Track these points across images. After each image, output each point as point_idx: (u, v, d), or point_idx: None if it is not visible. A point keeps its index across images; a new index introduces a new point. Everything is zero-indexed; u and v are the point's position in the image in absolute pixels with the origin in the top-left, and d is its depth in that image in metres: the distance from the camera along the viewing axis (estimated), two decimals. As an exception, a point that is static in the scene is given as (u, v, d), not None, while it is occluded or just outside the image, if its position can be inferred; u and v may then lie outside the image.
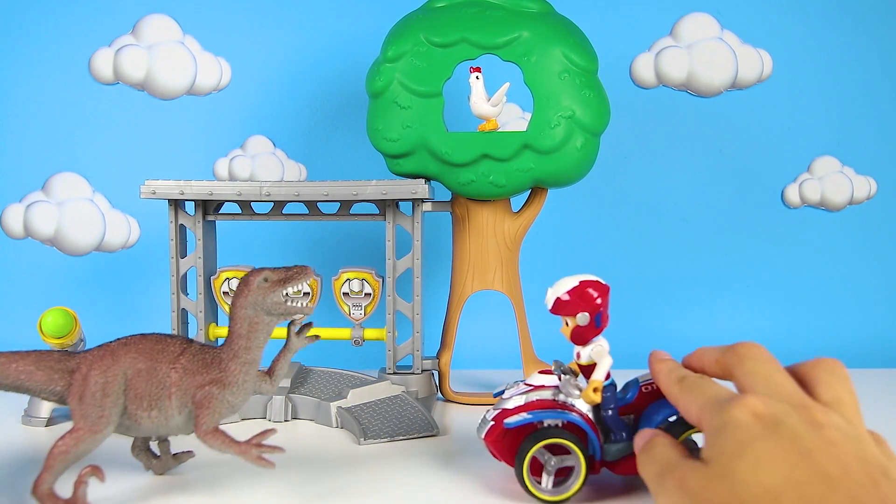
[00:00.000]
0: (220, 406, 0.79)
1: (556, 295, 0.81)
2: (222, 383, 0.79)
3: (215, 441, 0.77)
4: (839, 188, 1.62)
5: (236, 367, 0.79)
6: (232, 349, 0.80)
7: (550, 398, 0.81)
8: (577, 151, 1.19)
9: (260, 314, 0.80)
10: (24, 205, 1.55)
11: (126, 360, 0.79)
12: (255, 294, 0.80)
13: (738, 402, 0.56)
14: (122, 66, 1.55)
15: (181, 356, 0.80)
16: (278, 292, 0.80)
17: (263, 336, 0.81)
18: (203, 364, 0.80)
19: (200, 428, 0.77)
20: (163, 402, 0.78)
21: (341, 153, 1.61)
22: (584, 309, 0.80)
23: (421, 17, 1.22)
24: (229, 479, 0.87)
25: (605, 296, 0.81)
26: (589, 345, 0.82)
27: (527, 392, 0.82)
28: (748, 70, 1.58)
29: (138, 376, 0.78)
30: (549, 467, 0.80)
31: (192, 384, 0.79)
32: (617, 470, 0.82)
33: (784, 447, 0.52)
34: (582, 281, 0.81)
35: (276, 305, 0.80)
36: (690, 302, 1.63)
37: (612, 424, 0.81)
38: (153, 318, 1.49)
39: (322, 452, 0.97)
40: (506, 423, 0.80)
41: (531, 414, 0.80)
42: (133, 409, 0.78)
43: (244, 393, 0.80)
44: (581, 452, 0.79)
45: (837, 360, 0.63)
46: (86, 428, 0.77)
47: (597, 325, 0.81)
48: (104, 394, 0.77)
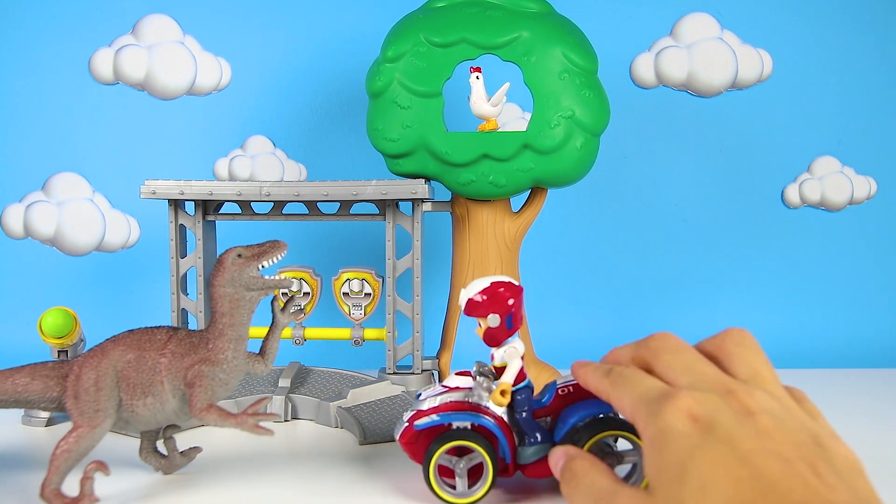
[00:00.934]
0: (212, 383, 0.80)
1: (468, 296, 0.80)
2: (211, 361, 0.80)
3: (211, 416, 0.79)
4: (839, 188, 1.62)
5: (223, 344, 0.81)
6: (217, 328, 0.81)
7: (463, 400, 0.82)
8: (577, 151, 1.19)
9: (239, 290, 0.81)
10: (24, 205, 1.55)
11: (115, 353, 0.80)
12: (231, 271, 0.81)
13: (671, 403, 0.56)
14: (122, 66, 1.55)
15: (169, 342, 0.81)
16: (253, 266, 0.82)
17: (246, 312, 0.82)
18: (191, 346, 0.81)
19: (195, 406, 0.79)
20: (156, 387, 0.80)
21: (341, 153, 1.61)
22: (495, 310, 0.79)
23: (421, 17, 1.22)
24: (229, 479, 0.87)
25: (517, 297, 0.80)
26: (502, 347, 0.81)
27: (441, 394, 0.83)
28: (748, 70, 1.58)
29: (128, 367, 0.80)
30: (458, 470, 0.80)
31: (181, 366, 0.80)
32: (529, 473, 0.81)
33: (724, 456, 0.52)
34: (493, 282, 0.80)
35: (253, 280, 0.81)
36: (690, 302, 1.63)
37: (525, 427, 0.80)
38: (153, 318, 1.48)
39: (322, 452, 0.97)
40: (415, 424, 0.80)
41: (440, 416, 0.80)
42: (128, 399, 0.80)
43: (235, 370, 0.82)
44: (488, 455, 0.79)
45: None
46: (85, 424, 0.78)
47: (508, 327, 0.80)
48: (97, 388, 0.79)
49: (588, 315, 1.62)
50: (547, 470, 0.80)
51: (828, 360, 1.54)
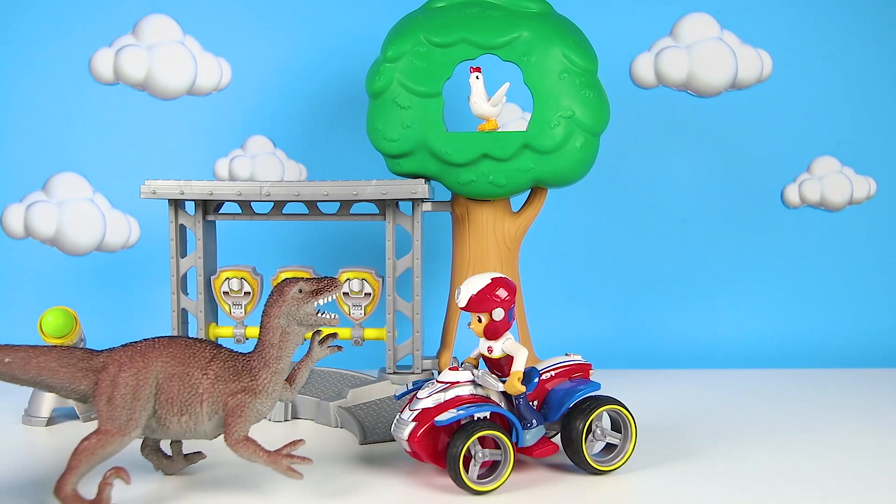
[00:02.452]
0: (251, 414, 0.79)
1: (472, 293, 0.84)
2: (254, 392, 0.79)
3: (246, 451, 0.78)
4: (839, 188, 1.62)
5: (267, 376, 0.80)
6: (263, 358, 0.80)
7: (469, 393, 0.85)
8: (576, 151, 1.19)
9: (292, 324, 0.81)
10: (24, 205, 1.56)
11: (158, 363, 0.78)
12: (290, 305, 0.80)
13: None
14: (122, 66, 1.55)
15: (212, 362, 0.80)
16: (311, 304, 0.81)
17: (293, 346, 0.81)
18: (234, 371, 0.80)
19: (232, 436, 0.78)
20: (194, 407, 0.79)
21: (341, 153, 1.61)
22: (500, 305, 0.84)
23: (421, 17, 1.22)
24: (229, 479, 0.87)
25: (513, 293, 0.86)
26: (500, 339, 0.86)
27: (445, 390, 0.84)
28: (748, 70, 1.59)
29: (170, 381, 0.78)
30: (477, 459, 0.82)
31: (223, 391, 0.79)
32: (535, 454, 0.86)
33: None
34: (494, 279, 0.85)
35: (307, 317, 0.81)
36: (690, 302, 1.63)
37: (525, 412, 0.85)
38: (153, 318, 1.49)
39: (322, 452, 0.97)
40: (436, 420, 0.82)
41: (460, 410, 0.82)
42: (163, 413, 0.78)
43: (272, 401, 0.81)
44: (508, 440, 0.83)
45: None
46: (114, 430, 0.76)
47: (510, 320, 0.86)
48: (135, 397, 0.77)
49: (588, 315, 1.62)
50: (547, 450, 0.87)
51: (828, 360, 1.54)
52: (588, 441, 0.87)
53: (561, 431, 0.88)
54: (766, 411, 1.16)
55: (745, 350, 1.57)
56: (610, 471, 0.88)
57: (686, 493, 0.84)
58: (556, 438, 0.90)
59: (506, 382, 0.84)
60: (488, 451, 0.83)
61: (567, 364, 0.90)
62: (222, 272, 1.22)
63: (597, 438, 0.88)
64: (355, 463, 0.93)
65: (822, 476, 0.88)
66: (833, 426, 1.08)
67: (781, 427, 1.08)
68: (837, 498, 0.82)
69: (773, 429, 1.07)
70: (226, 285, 1.22)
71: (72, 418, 1.12)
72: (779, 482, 0.87)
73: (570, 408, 0.86)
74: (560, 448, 0.88)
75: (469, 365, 0.88)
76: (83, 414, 1.11)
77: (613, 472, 0.89)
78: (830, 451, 0.98)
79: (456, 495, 0.83)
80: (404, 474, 0.89)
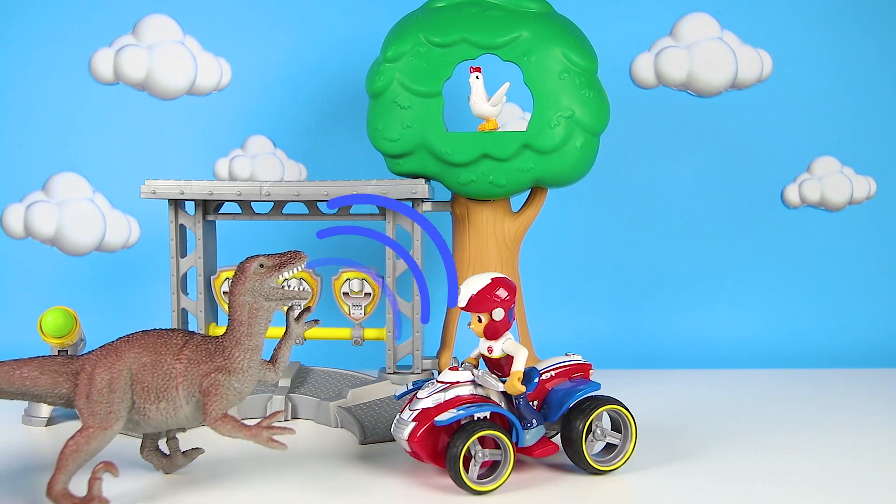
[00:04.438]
0: (228, 393, 0.80)
1: (472, 293, 0.85)
2: (227, 370, 0.80)
3: (225, 427, 0.79)
4: (839, 188, 1.62)
5: (240, 354, 0.80)
6: (234, 336, 0.81)
7: (469, 393, 0.85)
8: (576, 151, 1.19)
9: (259, 300, 0.81)
10: (24, 205, 1.55)
11: (130, 355, 0.79)
12: (252, 280, 0.81)
13: None
14: (122, 66, 1.55)
15: (185, 347, 0.81)
16: (274, 277, 0.81)
17: (264, 322, 0.82)
18: (207, 353, 0.80)
19: (210, 415, 0.78)
20: (170, 393, 0.79)
21: (341, 153, 1.61)
22: (500, 305, 0.85)
23: (421, 17, 1.22)
24: (229, 478, 0.87)
25: (513, 293, 0.86)
26: (500, 339, 0.86)
27: (445, 390, 0.84)
28: (748, 70, 1.58)
29: (144, 370, 0.79)
30: (477, 459, 0.82)
31: (197, 373, 0.80)
32: (535, 454, 0.86)
33: None
34: (494, 278, 0.86)
35: (273, 291, 0.81)
36: (690, 302, 1.63)
37: (525, 412, 0.85)
38: (153, 318, 1.48)
39: (322, 452, 0.97)
40: (437, 420, 0.82)
41: (462, 409, 0.82)
42: (141, 402, 0.79)
43: (249, 379, 0.81)
44: (508, 440, 0.83)
45: None
46: (96, 426, 0.77)
47: (510, 320, 0.86)
48: (111, 390, 0.78)
49: (588, 315, 1.62)
50: (548, 449, 0.87)
51: (828, 360, 1.54)
52: (588, 441, 0.87)
53: (561, 431, 0.88)
54: (766, 411, 1.16)
55: (745, 350, 1.57)
56: (610, 471, 0.88)
57: (686, 493, 0.84)
58: (556, 438, 0.90)
59: (506, 382, 0.84)
60: (488, 451, 0.83)
61: (567, 364, 0.91)
62: (222, 272, 1.22)
63: (597, 438, 0.88)
64: (355, 463, 0.93)
65: (822, 476, 0.88)
66: (833, 426, 1.08)
67: (781, 427, 1.08)
68: (837, 498, 0.82)
69: (773, 429, 1.07)
70: (226, 285, 1.22)
71: (72, 418, 1.12)
72: (779, 482, 0.87)
73: (570, 408, 0.86)
74: (560, 448, 0.88)
75: (469, 365, 0.88)
76: (83, 414, 1.11)
77: (613, 472, 0.89)
78: (830, 451, 0.98)
79: (456, 495, 0.83)
80: (404, 474, 0.89)
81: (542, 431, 0.87)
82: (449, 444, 0.82)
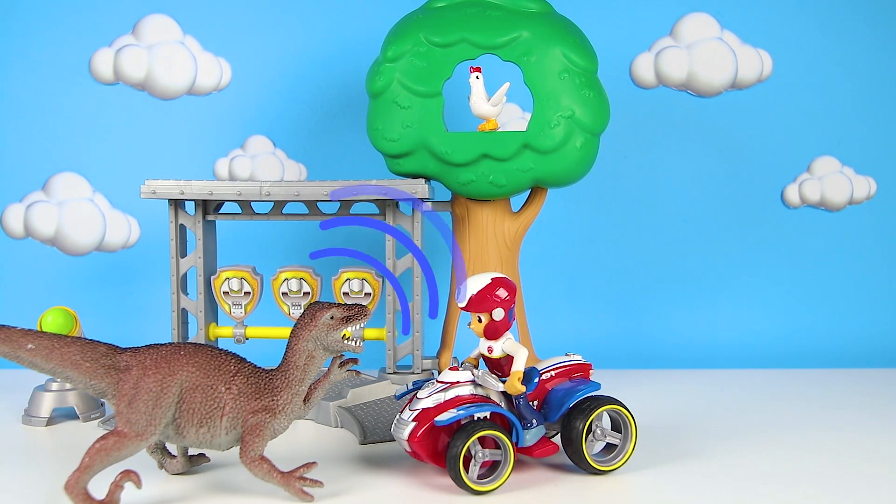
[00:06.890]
0: (268, 433, 0.79)
1: (473, 292, 0.85)
2: (274, 411, 0.79)
3: (260, 470, 0.78)
4: (839, 188, 1.62)
5: (288, 397, 0.80)
6: (286, 378, 0.81)
7: (469, 393, 0.85)
8: (576, 151, 1.19)
9: (318, 349, 0.81)
10: (24, 205, 1.56)
11: (183, 372, 0.78)
12: (320, 330, 0.81)
13: None
14: (122, 66, 1.55)
15: (236, 376, 0.80)
16: (340, 330, 0.81)
17: (316, 369, 0.82)
18: (256, 389, 0.80)
19: (248, 455, 0.78)
20: (214, 421, 0.79)
21: (341, 153, 1.61)
22: (500, 305, 0.85)
23: (421, 17, 1.22)
24: (229, 478, 0.87)
25: (513, 293, 0.86)
26: (500, 339, 0.86)
27: (445, 390, 0.85)
28: (748, 70, 1.59)
29: (194, 392, 0.78)
30: (477, 459, 0.82)
31: (245, 408, 0.79)
32: (535, 454, 0.86)
33: None
34: (494, 278, 0.86)
35: (335, 343, 0.81)
36: (690, 302, 1.63)
37: (525, 412, 0.85)
38: (153, 318, 1.50)
39: (322, 452, 0.97)
40: (436, 420, 0.82)
41: (462, 409, 0.82)
42: (182, 422, 0.78)
43: (289, 421, 0.81)
44: (508, 440, 0.83)
45: None
46: (132, 434, 0.75)
47: (510, 320, 0.86)
48: (156, 404, 0.76)
49: (588, 315, 1.62)
50: (548, 449, 0.87)
51: (828, 360, 1.54)
52: (588, 441, 0.87)
53: (561, 431, 0.88)
54: (766, 411, 1.16)
55: (746, 350, 1.57)
56: (610, 471, 0.88)
57: (686, 493, 0.84)
58: (556, 438, 0.90)
59: (506, 382, 0.84)
60: (488, 451, 0.83)
61: (567, 364, 0.91)
62: (222, 272, 1.22)
63: (597, 438, 0.88)
64: (355, 463, 0.93)
65: (822, 476, 0.89)
66: (833, 426, 1.08)
67: (781, 427, 1.08)
68: (837, 498, 0.82)
69: (773, 429, 1.07)
70: (226, 285, 1.22)
71: (72, 418, 1.12)
72: (779, 482, 0.87)
73: (570, 408, 0.86)
74: (560, 448, 0.88)
75: (469, 365, 0.88)
76: (83, 414, 1.11)
77: (613, 472, 0.89)
78: (830, 450, 0.98)
79: (456, 495, 0.83)
80: (404, 474, 0.89)
81: (542, 431, 0.87)
82: (449, 444, 0.82)
